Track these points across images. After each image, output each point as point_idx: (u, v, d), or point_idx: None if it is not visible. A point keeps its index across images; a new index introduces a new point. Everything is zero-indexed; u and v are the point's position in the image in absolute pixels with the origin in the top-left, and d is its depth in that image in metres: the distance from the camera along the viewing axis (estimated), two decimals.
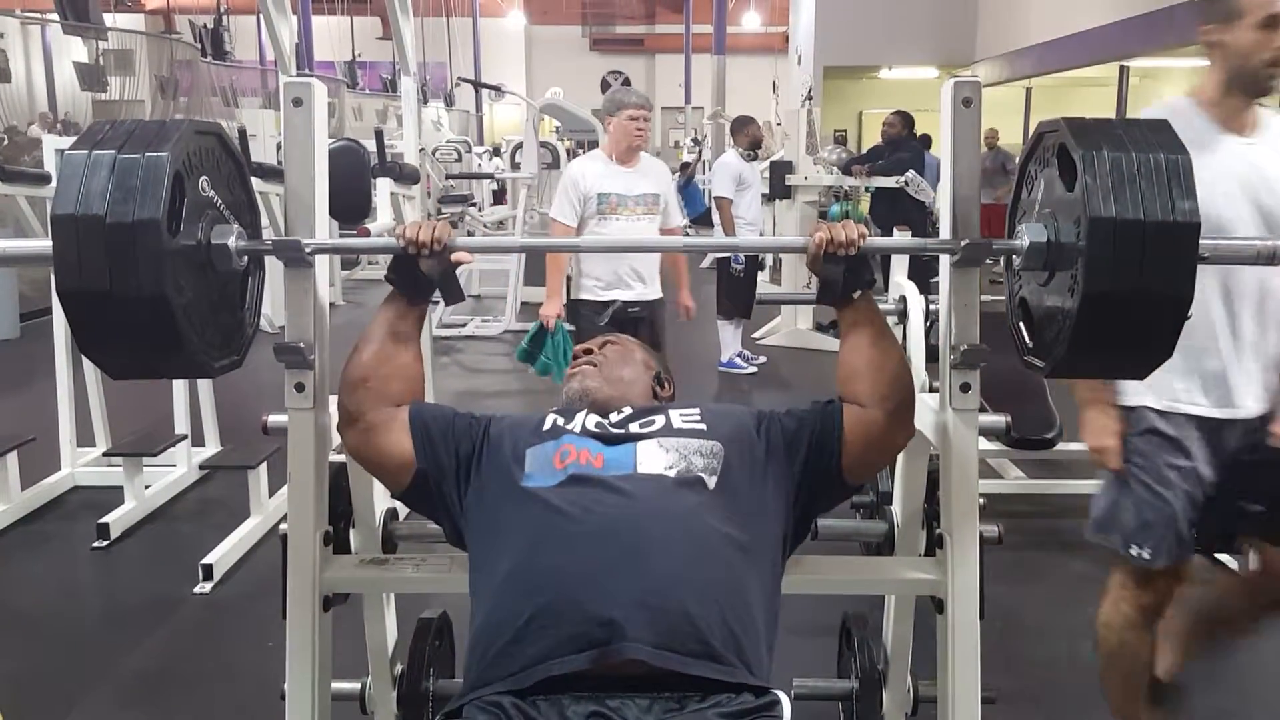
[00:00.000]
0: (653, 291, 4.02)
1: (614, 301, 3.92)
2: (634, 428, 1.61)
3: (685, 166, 14.09)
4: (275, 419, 1.70)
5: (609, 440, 1.58)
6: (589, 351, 1.85)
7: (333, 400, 1.70)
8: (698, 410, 1.66)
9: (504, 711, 1.27)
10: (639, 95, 3.96)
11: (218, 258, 1.51)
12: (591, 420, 1.63)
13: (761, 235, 7.17)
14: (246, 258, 1.57)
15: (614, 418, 1.65)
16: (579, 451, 1.54)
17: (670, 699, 1.28)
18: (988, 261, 1.60)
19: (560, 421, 1.64)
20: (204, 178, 1.50)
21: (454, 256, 1.59)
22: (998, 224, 1.64)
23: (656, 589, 1.35)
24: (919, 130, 7.94)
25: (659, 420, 1.62)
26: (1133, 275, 1.36)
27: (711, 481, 1.51)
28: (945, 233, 1.59)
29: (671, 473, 1.51)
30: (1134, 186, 1.35)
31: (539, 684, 1.30)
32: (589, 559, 1.37)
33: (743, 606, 1.41)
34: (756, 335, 7.31)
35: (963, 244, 1.54)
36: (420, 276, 1.60)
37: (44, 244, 1.45)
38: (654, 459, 1.53)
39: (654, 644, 1.30)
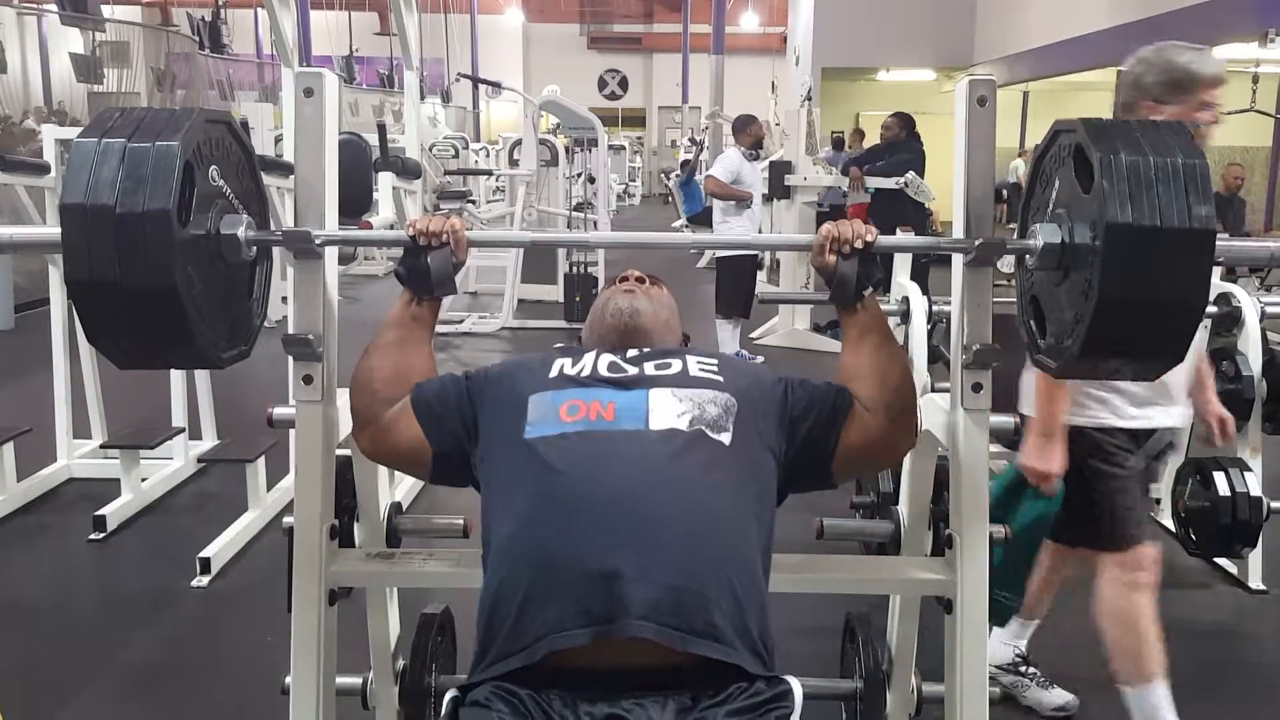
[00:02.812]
0: (1187, 410, 2.43)
1: (1154, 430, 2.32)
2: (649, 368, 1.56)
3: (685, 164, 14.08)
4: (281, 412, 1.70)
5: (622, 384, 1.53)
6: (640, 280, 1.78)
7: (340, 393, 1.69)
8: (716, 361, 1.61)
9: (521, 702, 1.27)
10: (1215, 60, 2.22)
11: (227, 248, 1.50)
12: (604, 362, 1.58)
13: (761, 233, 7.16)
14: (255, 248, 1.57)
15: (630, 354, 1.60)
16: (588, 406, 1.49)
17: (684, 696, 1.27)
18: None
19: (568, 366, 1.58)
20: (214, 167, 1.49)
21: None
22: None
23: (663, 563, 1.32)
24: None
25: (675, 365, 1.58)
26: (1148, 281, 1.35)
27: (725, 438, 1.47)
28: (958, 232, 1.59)
29: (683, 423, 1.46)
30: (1151, 191, 1.34)
31: (548, 662, 1.29)
32: (594, 529, 1.34)
33: (751, 581, 1.39)
34: (754, 335, 7.31)
35: (976, 243, 1.54)
36: (427, 269, 1.59)
37: (52, 231, 1.45)
38: (667, 409, 1.48)
39: (658, 621, 1.28)
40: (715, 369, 1.59)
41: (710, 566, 1.35)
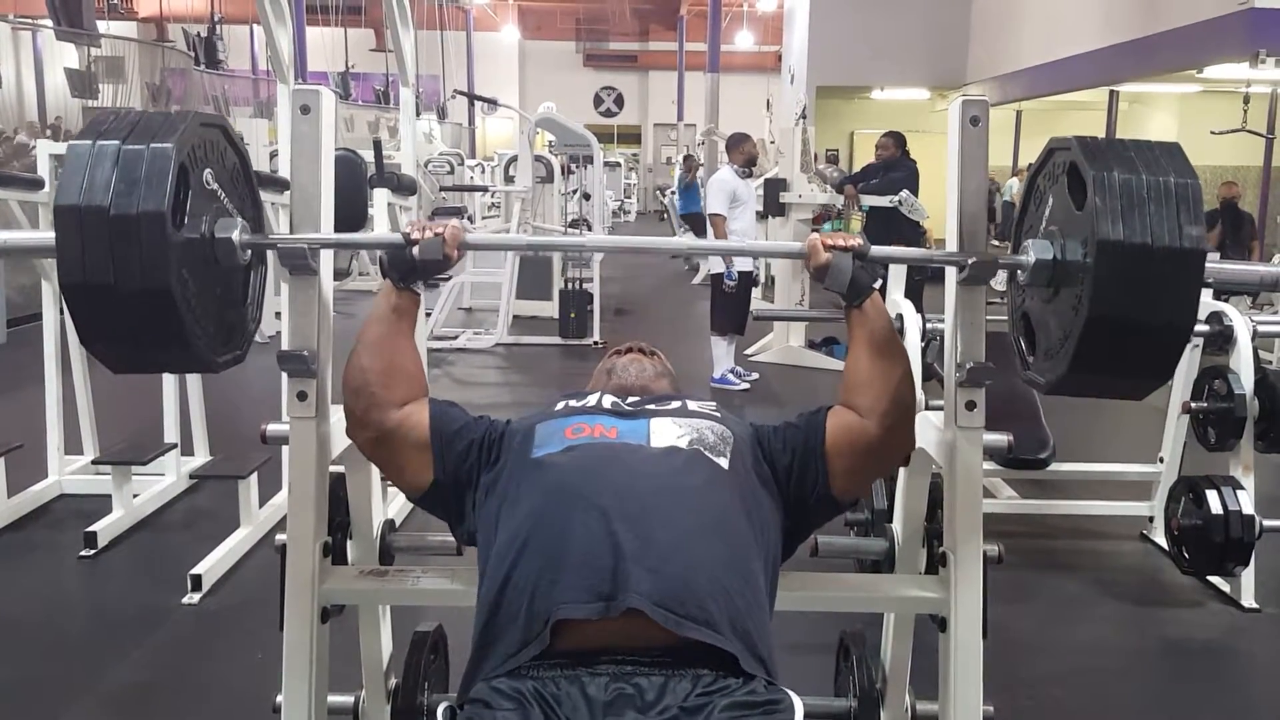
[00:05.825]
0: None
1: None
2: (650, 406, 1.66)
3: (688, 159, 14.27)
4: (275, 428, 1.69)
5: (624, 414, 1.62)
6: (643, 351, 1.89)
7: (334, 409, 1.68)
8: (713, 404, 1.71)
9: (524, 697, 1.27)
10: None
11: (221, 251, 1.50)
12: (608, 400, 1.67)
13: None
14: (249, 252, 1.56)
15: (631, 401, 1.69)
16: (592, 427, 1.57)
17: (683, 676, 1.28)
18: None
19: (573, 403, 1.67)
20: (209, 170, 1.49)
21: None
22: None
23: (658, 554, 1.36)
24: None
25: (675, 403, 1.67)
26: (1138, 298, 1.36)
27: (723, 463, 1.53)
28: (951, 250, 1.60)
29: (683, 443, 1.53)
30: (1143, 210, 1.35)
31: (556, 644, 1.31)
32: (597, 517, 1.39)
33: (750, 592, 1.42)
34: (749, 351, 7.32)
35: (970, 260, 1.55)
36: (414, 262, 1.60)
37: (46, 236, 1.44)
38: (667, 432, 1.56)
39: (653, 601, 1.32)
40: (713, 408, 1.68)
41: (703, 565, 1.38)
